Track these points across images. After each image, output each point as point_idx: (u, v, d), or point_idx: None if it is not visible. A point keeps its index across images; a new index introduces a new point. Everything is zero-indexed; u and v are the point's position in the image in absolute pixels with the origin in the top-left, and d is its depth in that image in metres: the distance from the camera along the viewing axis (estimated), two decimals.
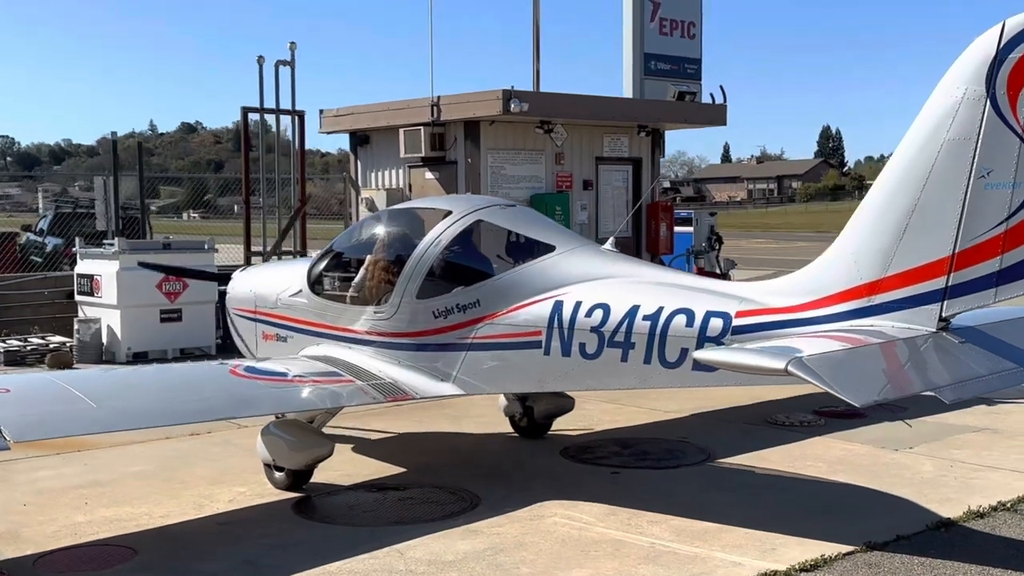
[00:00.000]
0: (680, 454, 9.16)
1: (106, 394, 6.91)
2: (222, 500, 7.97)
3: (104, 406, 6.71)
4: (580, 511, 7.50)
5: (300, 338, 9.02)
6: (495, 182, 16.01)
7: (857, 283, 6.32)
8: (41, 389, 6.95)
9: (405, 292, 8.14)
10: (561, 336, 7.46)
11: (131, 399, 6.96)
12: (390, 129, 16.76)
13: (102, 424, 6.66)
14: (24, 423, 6.26)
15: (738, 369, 5.74)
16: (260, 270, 9.93)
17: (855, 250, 6.35)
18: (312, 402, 7.71)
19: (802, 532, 6.90)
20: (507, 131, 16.08)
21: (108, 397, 6.85)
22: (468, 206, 8.34)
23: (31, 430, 6.27)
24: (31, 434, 6.27)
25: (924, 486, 8.03)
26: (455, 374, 8.03)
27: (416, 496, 7.96)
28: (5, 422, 6.14)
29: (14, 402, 6.54)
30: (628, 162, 17.66)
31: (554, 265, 7.74)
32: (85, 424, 6.58)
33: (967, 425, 10.10)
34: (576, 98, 16.43)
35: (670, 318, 6.97)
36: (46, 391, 6.89)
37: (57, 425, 6.45)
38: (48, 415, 6.46)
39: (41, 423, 6.36)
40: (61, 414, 6.51)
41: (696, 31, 19.53)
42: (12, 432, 6.10)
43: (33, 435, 6.30)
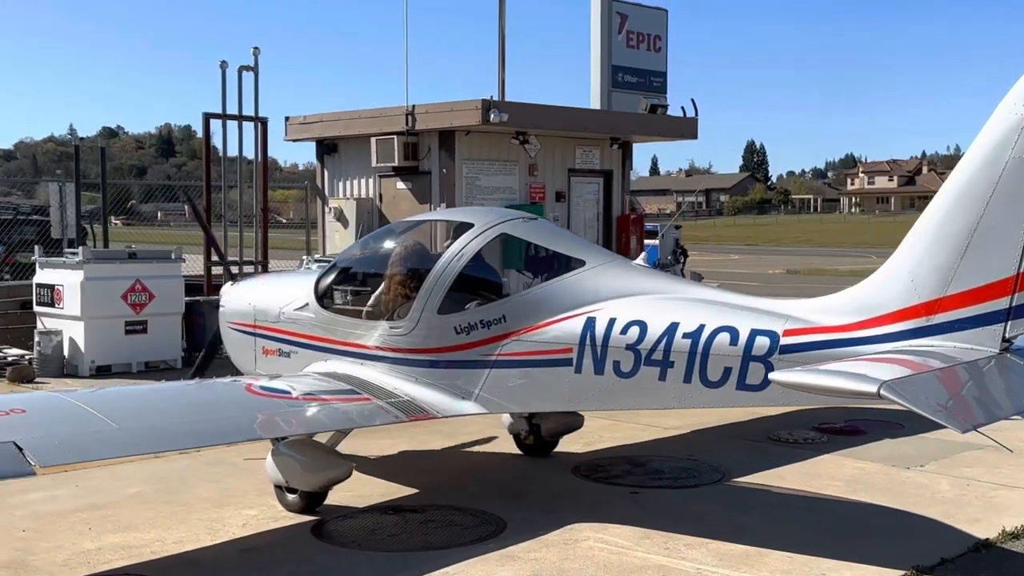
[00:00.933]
0: (695, 473, 9.01)
1: (125, 414, 6.53)
2: (235, 524, 7.60)
3: (126, 427, 6.34)
4: (612, 534, 7.29)
5: (305, 354, 8.69)
6: (470, 193, 15.79)
7: (914, 302, 6.23)
8: (57, 409, 6.53)
9: (425, 307, 7.87)
10: (594, 354, 7.26)
11: (152, 419, 6.59)
12: (361, 138, 16.45)
13: (128, 447, 6.29)
14: (49, 447, 5.87)
15: (821, 392, 5.59)
16: (259, 283, 9.57)
17: (912, 268, 6.25)
18: (336, 422, 7.41)
19: (845, 556, 6.77)
20: (482, 141, 15.88)
21: (127, 418, 6.47)
22: (490, 219, 8.10)
23: (57, 454, 5.88)
24: (57, 459, 5.88)
25: (948, 506, 7.98)
26: (477, 392, 7.78)
27: (438, 519, 7.68)
28: (30, 446, 5.76)
29: (33, 424, 6.13)
30: (599, 174, 17.57)
31: (585, 280, 7.54)
32: (111, 448, 6.20)
33: (970, 443, 10.01)
34: (553, 109, 16.30)
35: (712, 336, 6.81)
36: (62, 411, 6.49)
37: (84, 449, 6.06)
38: (72, 438, 6.06)
39: (67, 447, 5.97)
40: (85, 437, 6.12)
41: (662, 44, 19.60)
42: (38, 457, 5.73)
43: (59, 460, 5.91)
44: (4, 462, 5.66)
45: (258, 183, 18.45)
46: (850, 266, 42.68)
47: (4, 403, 6.44)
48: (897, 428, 10.64)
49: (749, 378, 6.68)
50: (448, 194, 15.60)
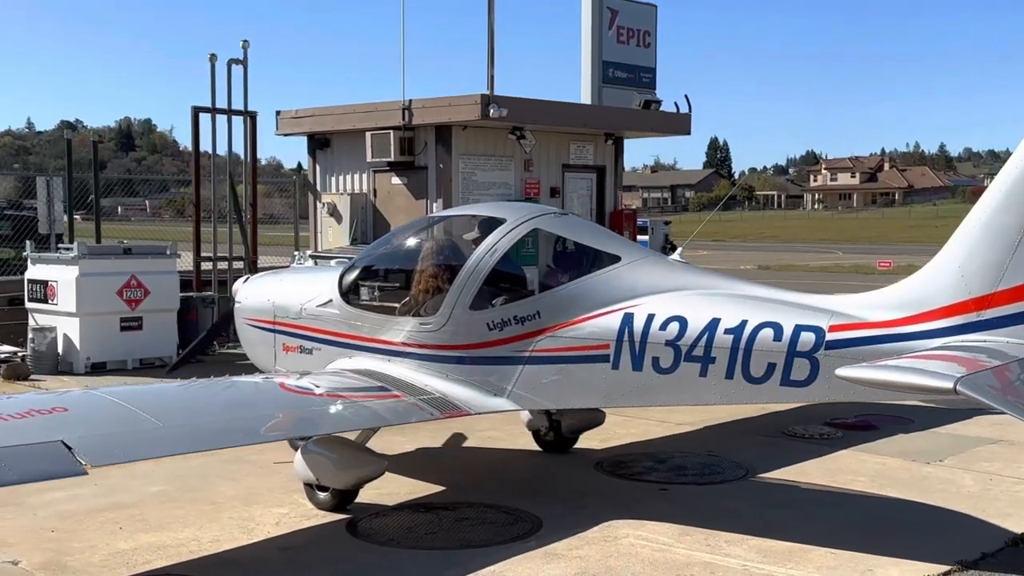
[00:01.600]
0: (718, 469, 9.01)
1: (167, 413, 6.41)
2: (267, 523, 7.50)
3: (171, 425, 6.24)
4: (650, 531, 7.27)
5: (328, 350, 8.60)
6: (466, 188, 15.71)
7: (964, 298, 6.25)
8: (99, 408, 6.40)
9: (457, 303, 7.80)
10: (632, 350, 7.23)
11: (194, 418, 6.48)
12: (355, 132, 16.30)
13: (176, 446, 6.19)
14: (98, 446, 5.77)
15: (893, 388, 5.60)
16: (277, 279, 9.44)
17: (961, 264, 6.27)
18: (374, 419, 7.33)
19: (886, 551, 6.79)
20: (478, 136, 15.80)
21: (170, 416, 6.36)
22: (522, 214, 8.04)
23: (107, 454, 5.77)
24: (108, 458, 5.77)
25: (976, 501, 8.03)
26: (510, 388, 7.73)
27: (472, 516, 7.62)
28: (79, 445, 5.65)
29: (77, 423, 6.01)
30: (593, 170, 17.55)
31: (621, 276, 7.50)
32: (159, 446, 6.10)
33: (980, 437, 10.20)
34: (551, 104, 16.26)
35: (755, 332, 6.80)
36: (104, 410, 6.36)
37: (133, 447, 5.94)
38: (119, 437, 5.96)
39: (117, 446, 5.86)
40: (132, 435, 6.01)
41: (651, 40, 19.54)
42: (89, 456, 5.62)
43: (110, 459, 5.80)
44: (55, 462, 5.55)
45: (248, 179, 18.34)
46: (819, 262, 43.08)
47: (45, 402, 6.32)
48: (908, 423, 10.72)
49: (794, 374, 6.67)
50: (445, 189, 15.51)
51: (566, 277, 7.82)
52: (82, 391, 6.77)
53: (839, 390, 6.58)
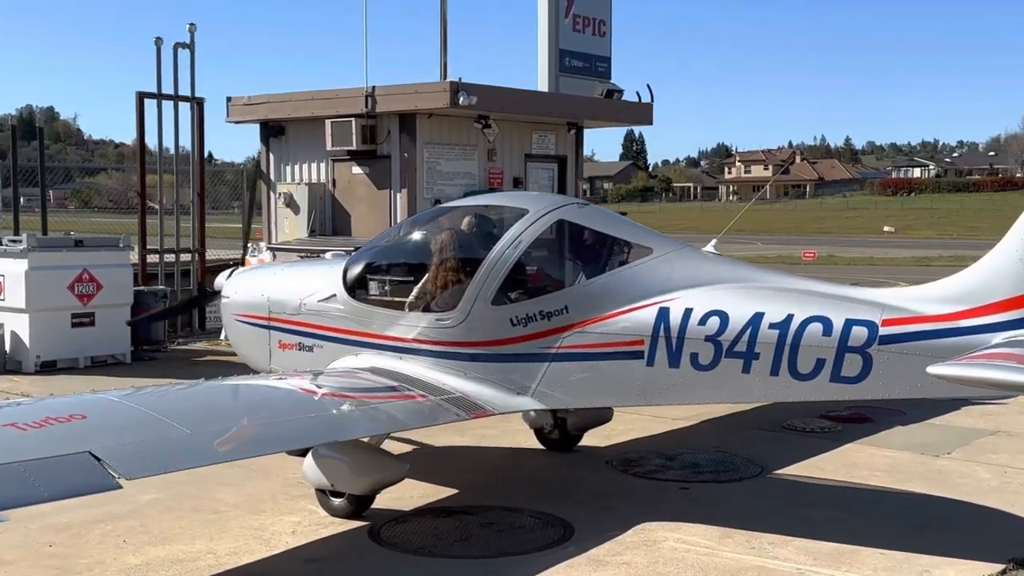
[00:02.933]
0: (732, 466, 8.79)
1: (191, 418, 5.93)
2: (283, 532, 7.06)
3: (199, 433, 5.77)
4: (688, 533, 7.00)
5: (332, 347, 8.16)
6: (430, 178, 15.27)
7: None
8: (118, 414, 5.89)
9: (478, 298, 7.42)
10: (668, 346, 6.94)
11: (219, 423, 5.99)
12: (313, 120, 15.72)
13: (211, 454, 5.69)
14: (129, 457, 5.29)
15: (990, 386, 5.39)
16: (271, 272, 8.95)
17: (1023, 256, 6.10)
18: (402, 422, 6.92)
19: (934, 550, 6.63)
20: (443, 125, 15.37)
21: (195, 422, 5.88)
22: (545, 204, 7.68)
23: (141, 465, 5.28)
24: (142, 470, 5.27)
25: (1000, 494, 7.93)
26: (534, 387, 7.39)
27: (498, 521, 7.27)
28: (108, 456, 5.16)
29: (100, 431, 5.52)
30: (554, 160, 17.25)
31: (654, 269, 7.20)
32: (194, 455, 5.61)
33: (977, 428, 10.16)
34: (518, 93, 15.91)
35: (803, 326, 6.56)
36: (124, 416, 5.86)
37: (167, 458, 5.44)
38: (149, 446, 5.46)
39: (148, 456, 5.36)
40: (162, 444, 5.53)
41: (606, 29, 19.27)
42: (122, 468, 5.14)
43: (145, 471, 5.29)
44: (86, 475, 5.06)
45: (195, 168, 17.65)
46: (742, 252, 43.38)
47: (60, 407, 5.79)
48: (900, 415, 10.64)
49: (845, 370, 6.45)
50: (409, 179, 15.05)
51: (595, 270, 7.50)
52: (95, 395, 6.24)
53: (893, 386, 6.40)
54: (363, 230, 15.57)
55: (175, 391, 6.70)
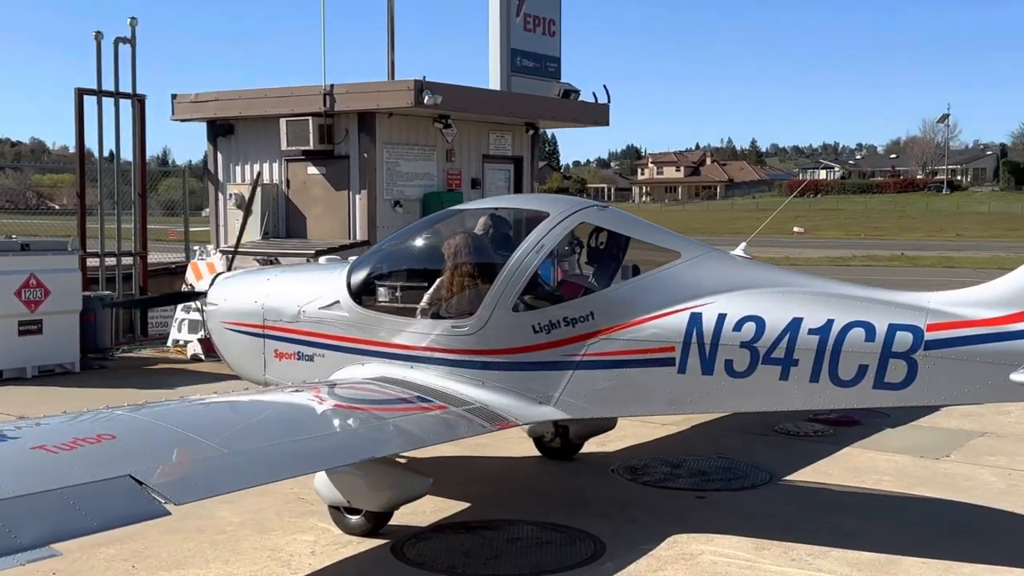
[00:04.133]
0: (740, 473, 8.65)
1: (223, 436, 5.54)
2: (301, 553, 6.69)
3: (237, 451, 5.38)
4: (722, 545, 6.82)
5: (334, 356, 7.80)
6: (390, 179, 14.92)
7: None
8: (148, 433, 5.47)
9: (498, 304, 7.14)
10: (701, 352, 6.75)
11: (255, 442, 5.60)
12: (266, 119, 15.25)
13: (255, 475, 5.30)
14: (173, 480, 4.89)
15: None
16: (264, 278, 8.50)
17: None
18: (436, 436, 6.60)
19: (976, 558, 6.53)
20: (402, 125, 15.03)
21: (230, 440, 5.49)
22: (565, 207, 7.43)
23: (187, 489, 4.88)
24: (189, 494, 4.87)
25: (1014, 498, 7.90)
26: (558, 396, 7.13)
27: (523, 537, 7.00)
28: (150, 480, 4.77)
29: (136, 453, 5.10)
30: (510, 160, 17.02)
31: (684, 273, 7.00)
32: (238, 476, 5.21)
33: (964, 430, 10.21)
34: (481, 93, 15.69)
35: (844, 332, 6.42)
36: (155, 435, 5.44)
37: (211, 479, 5.05)
38: (189, 467, 5.08)
39: (193, 478, 4.98)
40: (203, 465, 5.14)
41: (556, 29, 19.12)
42: (168, 492, 4.75)
43: (192, 495, 4.89)
44: (130, 502, 4.66)
45: (136, 167, 16.98)
46: None
47: (86, 428, 5.35)
48: (885, 417, 10.62)
49: (889, 376, 6.33)
50: (368, 180, 14.67)
51: (622, 275, 7.27)
52: (113, 411, 5.79)
53: (939, 392, 6.31)
54: (319, 232, 15.17)
55: (198, 407, 6.28)
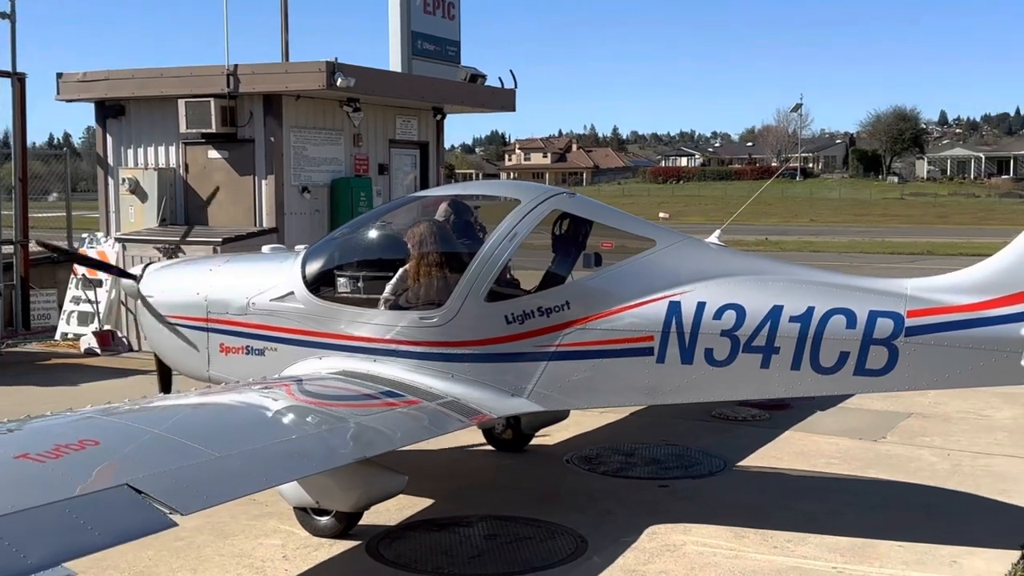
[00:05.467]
0: (694, 460, 8.62)
1: (210, 439, 5.17)
2: (272, 557, 6.35)
3: (230, 455, 5.03)
4: (701, 535, 6.77)
5: (288, 350, 7.45)
6: (297, 164, 14.42)
7: None
8: (134, 438, 5.04)
9: (469, 294, 6.91)
10: (681, 341, 6.67)
11: (243, 443, 5.23)
12: (162, 99, 14.52)
13: (256, 479, 4.94)
14: (174, 488, 4.52)
15: None
16: (206, 267, 8.03)
17: None
18: (420, 433, 6.35)
19: (951, 540, 6.64)
20: (309, 108, 14.53)
21: (219, 443, 5.12)
22: (536, 194, 7.23)
23: (190, 497, 4.51)
24: (195, 503, 4.51)
25: (959, 478, 8.10)
26: (531, 388, 6.96)
27: (500, 533, 6.80)
28: (151, 489, 4.40)
29: (127, 460, 4.71)
30: (416, 146, 16.69)
31: (661, 261, 6.89)
32: (240, 481, 4.85)
33: (891, 412, 10.42)
34: (390, 75, 15.28)
35: (825, 319, 6.43)
36: (141, 440, 5.02)
37: (214, 487, 4.68)
38: (187, 473, 4.69)
39: (195, 485, 4.59)
40: (200, 471, 4.76)
41: (456, 12, 18.81)
42: (173, 501, 4.39)
43: (197, 504, 4.52)
44: (135, 513, 4.28)
45: (17, 150, 16.04)
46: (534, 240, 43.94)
47: (65, 433, 4.91)
48: (809, 399, 10.75)
49: (870, 363, 6.37)
50: (275, 164, 14.12)
51: (598, 263, 7.12)
52: (88, 415, 5.34)
53: (920, 378, 6.38)
54: (222, 219, 14.56)
55: (172, 407, 5.85)
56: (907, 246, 36.23)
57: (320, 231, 14.59)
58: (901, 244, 37.34)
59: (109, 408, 5.55)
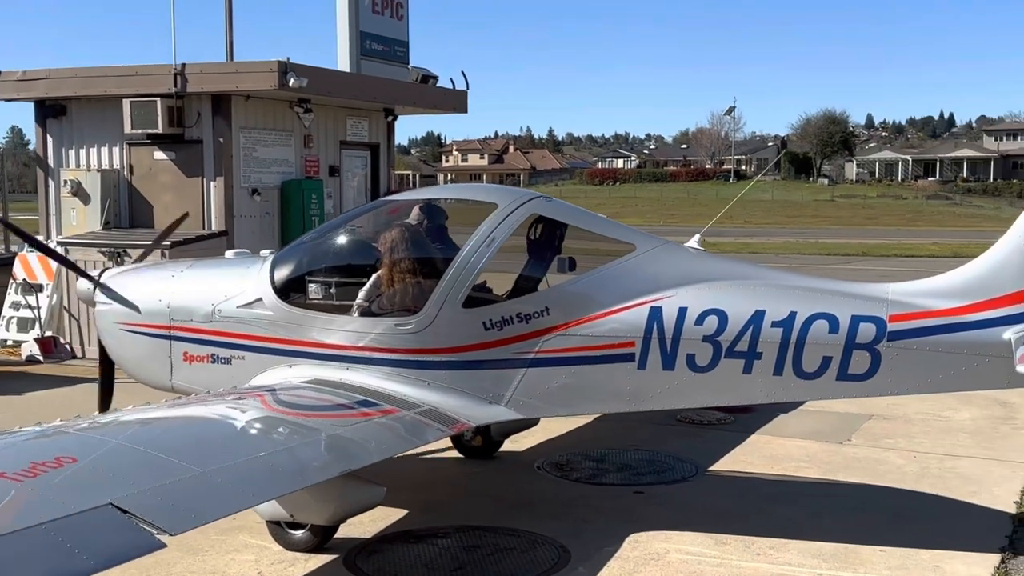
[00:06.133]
0: (666, 466, 8.56)
1: (189, 454, 4.96)
2: (248, 574, 6.15)
3: (212, 471, 4.82)
4: (683, 543, 6.70)
5: (256, 359, 7.23)
6: (247, 165, 14.12)
7: None
8: (113, 454, 4.80)
9: (447, 301, 6.75)
10: (662, 347, 6.59)
11: (224, 459, 5.02)
12: (105, 99, 14.12)
13: (243, 497, 4.76)
14: (160, 507, 4.32)
15: None
16: (168, 273, 7.76)
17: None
18: (400, 444, 6.18)
19: (930, 544, 6.65)
20: (259, 108, 14.23)
21: (199, 459, 4.91)
22: (513, 198, 7.09)
23: (177, 516, 4.30)
24: (183, 522, 4.30)
25: (931, 480, 8.13)
26: (510, 395, 6.83)
27: (481, 544, 6.66)
28: (138, 508, 4.20)
29: (108, 477, 4.48)
30: (367, 147, 16.46)
31: (640, 266, 6.80)
32: (227, 499, 4.66)
33: (852, 413, 10.44)
34: (342, 75, 15.04)
35: (807, 324, 6.40)
36: (120, 456, 4.79)
37: (202, 505, 4.48)
38: (171, 491, 4.48)
39: (182, 504, 4.39)
40: (183, 487, 4.55)
41: (404, 12, 18.61)
42: (161, 521, 4.19)
43: (186, 523, 4.31)
44: (122, 534, 4.08)
45: None
46: None
47: (40, 450, 4.67)
48: None
49: (852, 367, 6.35)
50: (225, 166, 13.80)
51: (577, 268, 7.01)
52: (60, 431, 5.09)
53: (902, 383, 6.37)
54: (168, 221, 14.14)
55: (150, 421, 5.60)
56: (841, 247, 36.79)
57: (271, 234, 14.35)
58: (835, 245, 37.91)
59: (80, 422, 5.31)
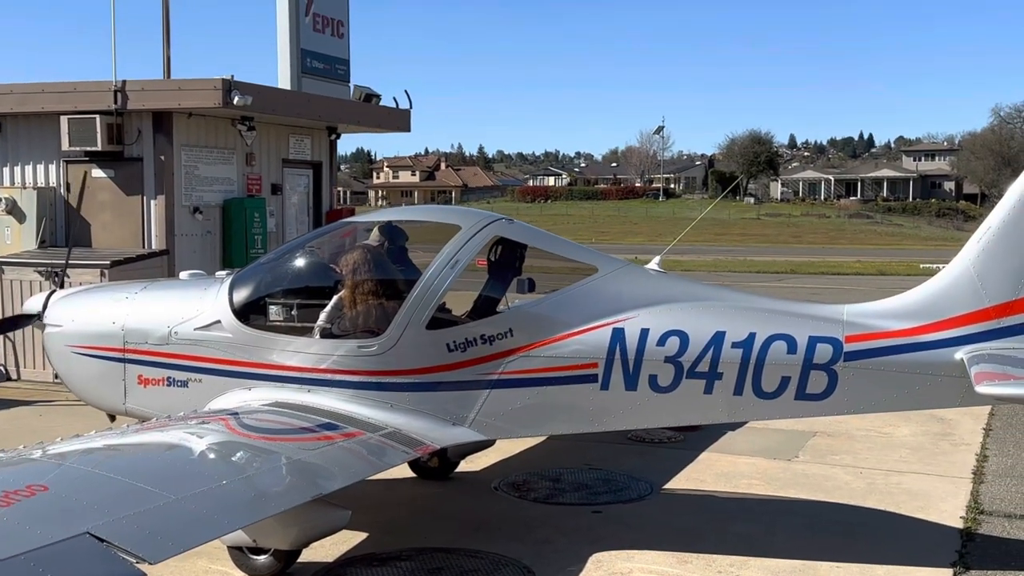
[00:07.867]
0: (621, 484, 8.63)
1: (162, 480, 4.91)
2: None
3: (187, 497, 4.77)
4: (645, 561, 6.77)
5: (214, 381, 7.16)
6: (188, 184, 13.96)
7: (984, 305, 6.36)
8: (85, 481, 4.72)
9: (411, 322, 6.76)
10: (625, 368, 6.67)
11: (198, 485, 4.97)
12: (42, 115, 13.89)
13: (220, 523, 4.70)
14: (137, 535, 4.26)
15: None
16: (123, 295, 7.63)
17: (979, 272, 6.38)
18: (368, 467, 6.16)
19: (884, 559, 6.80)
20: (200, 126, 14.10)
21: (171, 486, 4.85)
22: (476, 220, 7.12)
23: (155, 544, 4.25)
24: (162, 550, 4.25)
25: (879, 496, 8.31)
26: (473, 416, 6.86)
27: (444, 566, 6.65)
28: (115, 537, 4.14)
29: (83, 506, 4.40)
30: (309, 166, 16.38)
31: (603, 288, 6.87)
32: (204, 527, 4.60)
33: (796, 431, 10.61)
34: (288, 94, 14.97)
35: (766, 345, 6.53)
36: (93, 484, 4.72)
37: (179, 533, 4.42)
38: (147, 519, 4.42)
39: (159, 532, 4.33)
40: (161, 515, 4.50)
41: (344, 31, 18.59)
42: (140, 550, 4.14)
43: (164, 551, 4.26)
44: (101, 564, 4.03)
45: None
46: None
47: (10, 477, 4.57)
48: None
49: (810, 387, 6.49)
50: (166, 184, 13.64)
51: (539, 290, 7.06)
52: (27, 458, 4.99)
53: (858, 402, 6.52)
54: (108, 240, 13.98)
55: (118, 448, 5.51)
56: (769, 264, 37.43)
57: (212, 252, 14.20)
58: (763, 263, 38.55)
59: (46, 447, 5.21)
